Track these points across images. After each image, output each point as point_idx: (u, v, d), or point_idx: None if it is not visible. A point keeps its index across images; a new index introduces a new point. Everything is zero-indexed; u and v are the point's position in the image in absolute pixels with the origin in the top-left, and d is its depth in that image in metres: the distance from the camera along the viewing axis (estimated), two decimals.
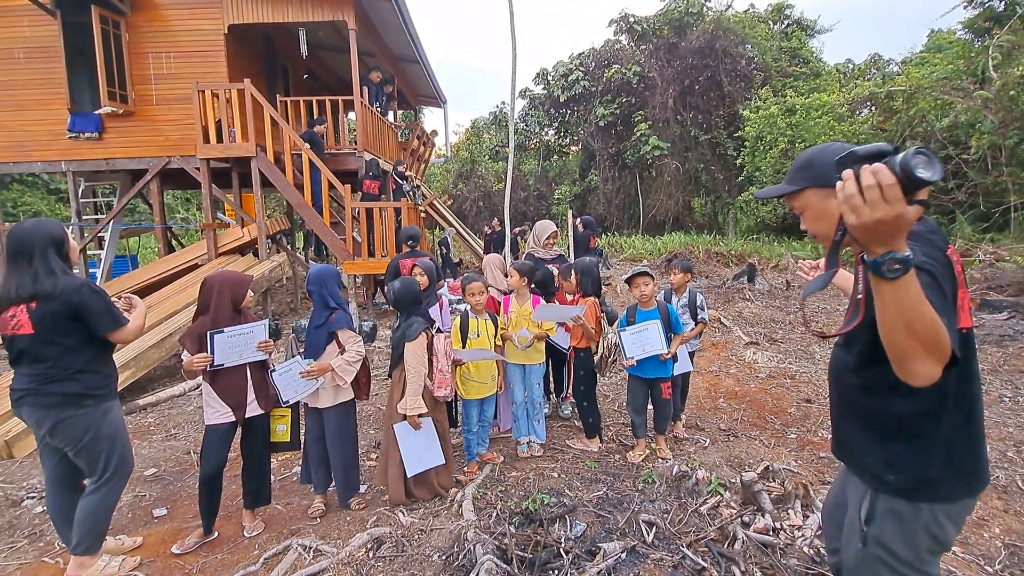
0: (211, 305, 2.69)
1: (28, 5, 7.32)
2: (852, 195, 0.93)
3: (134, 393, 5.16)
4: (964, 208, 10.43)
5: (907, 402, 1.23)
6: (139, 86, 7.82)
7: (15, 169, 8.32)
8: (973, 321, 1.34)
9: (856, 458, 1.39)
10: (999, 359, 5.23)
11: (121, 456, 2.45)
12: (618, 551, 2.41)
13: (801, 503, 2.76)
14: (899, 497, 1.28)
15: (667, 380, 3.51)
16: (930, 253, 1.17)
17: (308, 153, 7.12)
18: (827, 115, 13.13)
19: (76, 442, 2.34)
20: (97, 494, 2.40)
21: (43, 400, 2.29)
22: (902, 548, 1.28)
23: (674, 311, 3.57)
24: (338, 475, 3.03)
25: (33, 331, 2.24)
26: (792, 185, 1.36)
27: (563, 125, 21.34)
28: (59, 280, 2.27)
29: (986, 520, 2.73)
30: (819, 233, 1.39)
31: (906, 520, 1.27)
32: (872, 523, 1.31)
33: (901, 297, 0.97)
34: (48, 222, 2.40)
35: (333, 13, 7.68)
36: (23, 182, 18.46)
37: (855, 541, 1.34)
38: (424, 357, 2.93)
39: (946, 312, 1.06)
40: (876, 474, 1.31)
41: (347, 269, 7.32)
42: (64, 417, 2.30)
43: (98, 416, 2.37)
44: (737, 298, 8.61)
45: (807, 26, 19.73)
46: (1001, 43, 9.76)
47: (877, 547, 1.30)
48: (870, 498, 1.32)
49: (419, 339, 2.92)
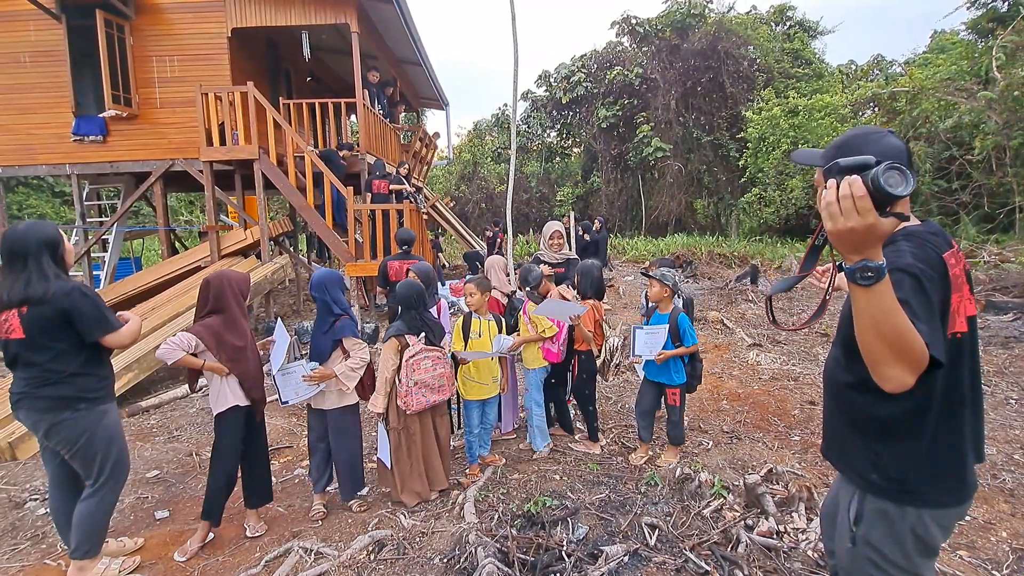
0: (224, 305, 2.70)
1: (33, 10, 7.37)
2: (831, 203, 1.00)
3: (136, 395, 5.16)
4: (968, 209, 10.39)
5: (892, 403, 1.23)
6: (143, 89, 7.86)
7: (20, 172, 8.36)
8: (976, 321, 1.33)
9: (844, 458, 1.40)
10: (1004, 361, 5.19)
11: (117, 459, 2.44)
12: (620, 554, 2.39)
13: (805, 506, 2.74)
14: (884, 498, 1.29)
15: (674, 388, 3.42)
16: (921, 256, 1.17)
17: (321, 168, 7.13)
18: (830, 116, 13.11)
19: (71, 445, 2.32)
20: (94, 498, 2.39)
21: (37, 403, 2.28)
22: (890, 549, 1.28)
23: (685, 322, 3.37)
24: (344, 472, 3.04)
25: (24, 335, 2.23)
26: (823, 161, 1.34)
27: (565, 127, 21.36)
28: (51, 284, 2.24)
29: (993, 524, 2.71)
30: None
31: (893, 521, 1.27)
32: (860, 523, 1.32)
33: (874, 304, 1.01)
34: (43, 224, 2.36)
35: (336, 16, 7.71)
36: (28, 185, 18.58)
37: (845, 541, 1.36)
38: (391, 361, 2.92)
39: (928, 319, 1.08)
40: (861, 474, 1.33)
41: (349, 271, 7.33)
42: (58, 420, 2.29)
43: (93, 419, 2.35)
44: (740, 299, 8.58)
45: (809, 27, 19.72)
46: (1005, 43, 9.72)
47: (866, 547, 1.31)
48: (858, 498, 1.33)
49: (389, 343, 2.95)
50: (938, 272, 1.17)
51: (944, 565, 2.36)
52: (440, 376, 3.01)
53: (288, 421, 4.47)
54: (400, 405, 2.95)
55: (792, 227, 15.64)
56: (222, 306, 2.70)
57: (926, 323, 1.06)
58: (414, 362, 2.92)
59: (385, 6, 7.94)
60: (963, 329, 1.25)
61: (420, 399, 2.94)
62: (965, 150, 10.34)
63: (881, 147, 1.25)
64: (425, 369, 2.95)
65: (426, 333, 3.02)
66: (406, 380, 2.91)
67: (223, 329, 2.68)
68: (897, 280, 1.09)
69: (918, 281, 1.12)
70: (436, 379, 2.99)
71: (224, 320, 2.69)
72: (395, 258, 5.02)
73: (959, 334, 1.24)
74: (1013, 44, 9.69)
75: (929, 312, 1.10)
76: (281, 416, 4.55)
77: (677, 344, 3.36)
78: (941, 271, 1.18)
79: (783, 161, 13.60)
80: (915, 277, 1.12)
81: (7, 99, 7.82)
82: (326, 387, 2.91)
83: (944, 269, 1.19)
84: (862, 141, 1.28)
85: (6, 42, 7.73)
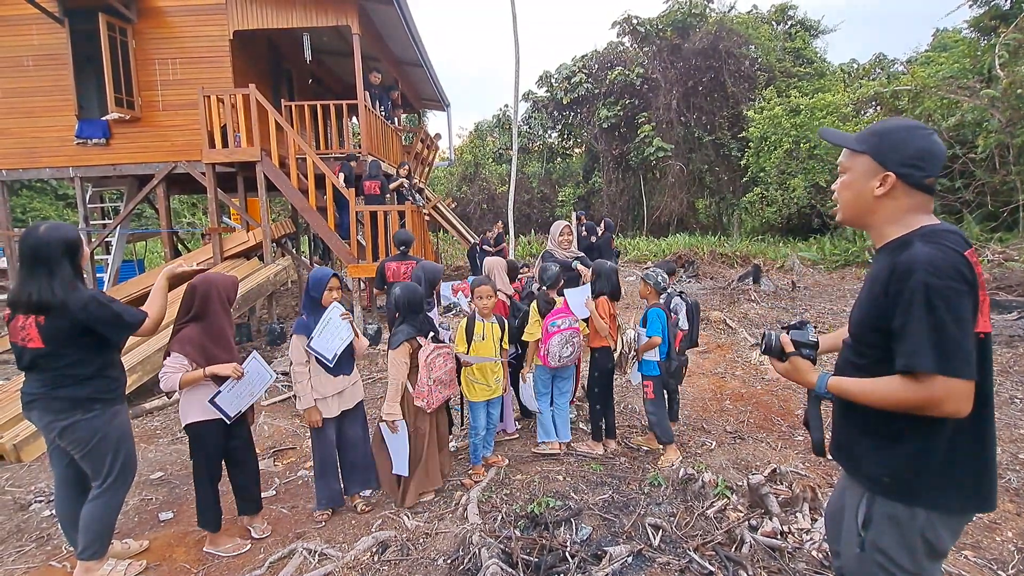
0: (209, 310, 2.61)
1: (37, 14, 7.41)
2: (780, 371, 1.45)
3: (140, 397, 5.18)
4: (972, 207, 10.34)
5: None
6: (145, 92, 7.89)
7: (24, 175, 8.40)
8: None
9: (854, 460, 1.37)
10: (1009, 360, 5.17)
11: (125, 460, 2.46)
12: (624, 555, 2.39)
13: (809, 506, 2.73)
14: (896, 500, 1.26)
15: (647, 379, 3.54)
16: (941, 263, 1.14)
17: (324, 169, 7.14)
18: (832, 115, 13.07)
19: (84, 445, 2.35)
20: (101, 499, 2.41)
21: (53, 404, 2.30)
22: (899, 553, 1.26)
23: (651, 314, 3.48)
24: (356, 472, 3.06)
25: (44, 345, 2.24)
26: (856, 145, 1.33)
27: (566, 127, 21.34)
28: (68, 296, 2.23)
29: (998, 524, 2.69)
30: (840, 201, 1.38)
31: (903, 525, 1.25)
32: (869, 528, 1.29)
33: (851, 398, 1.28)
34: (64, 227, 2.33)
35: (337, 18, 7.73)
36: (32, 188, 18.66)
37: (853, 546, 1.33)
38: (404, 366, 2.93)
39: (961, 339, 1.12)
40: (872, 476, 1.30)
41: (351, 272, 7.34)
42: (73, 421, 2.31)
43: (105, 420, 2.38)
44: (742, 299, 8.57)
45: (811, 26, 19.66)
46: (1008, 41, 9.69)
47: (875, 552, 1.28)
48: (867, 502, 1.30)
49: (400, 348, 2.93)
50: (962, 274, 1.14)
51: (949, 565, 2.35)
52: (451, 371, 3.14)
53: (291, 423, 4.47)
54: (421, 405, 2.97)
55: (794, 226, 15.61)
56: (206, 312, 2.60)
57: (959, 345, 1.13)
58: (431, 361, 2.96)
59: (386, 8, 7.96)
60: (987, 329, 1.22)
61: (438, 396, 3.04)
62: (968, 148, 10.29)
63: (920, 146, 1.24)
64: (440, 366, 3.02)
65: (433, 332, 3.07)
66: (426, 380, 2.94)
67: (206, 340, 2.57)
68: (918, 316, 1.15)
69: (945, 301, 1.12)
70: (448, 374, 3.11)
71: (205, 328, 2.58)
72: (393, 259, 5.00)
73: (982, 334, 1.20)
74: (1016, 41, 9.65)
75: (962, 330, 1.12)
76: (284, 418, 4.56)
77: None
78: (967, 271, 1.15)
79: (785, 160, 13.55)
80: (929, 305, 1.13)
81: (11, 103, 7.86)
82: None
83: (970, 266, 1.16)
84: (905, 136, 1.25)
85: (10, 46, 7.77)
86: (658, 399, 3.54)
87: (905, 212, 1.27)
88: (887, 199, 1.27)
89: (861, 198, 1.31)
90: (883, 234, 1.31)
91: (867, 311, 1.28)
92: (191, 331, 2.58)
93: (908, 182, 1.24)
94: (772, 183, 14.09)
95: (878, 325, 1.24)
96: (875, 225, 1.32)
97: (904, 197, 1.26)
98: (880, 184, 1.26)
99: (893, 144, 1.25)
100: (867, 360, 1.29)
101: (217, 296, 2.65)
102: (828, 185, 13.02)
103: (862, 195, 1.30)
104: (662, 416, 3.55)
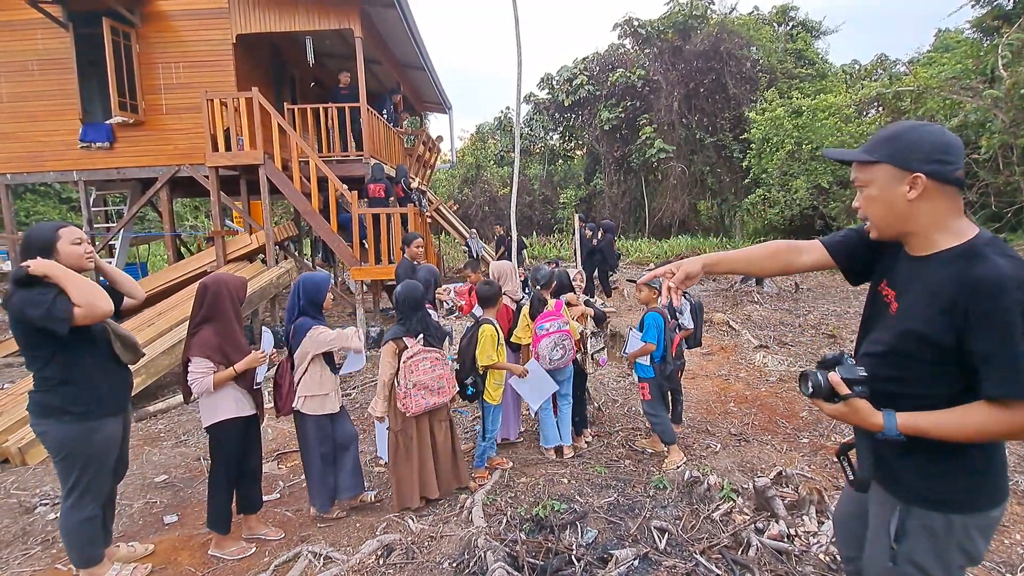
0: (220, 310, 2.63)
1: (41, 18, 7.44)
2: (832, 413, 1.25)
3: (144, 400, 5.19)
4: (975, 208, 10.30)
5: None
6: (149, 96, 7.92)
7: (29, 179, 8.44)
8: None
9: (893, 474, 1.30)
10: None
11: (91, 481, 2.33)
12: (630, 558, 2.38)
13: (816, 509, 2.72)
14: (932, 510, 1.22)
15: (642, 382, 3.57)
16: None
17: (326, 172, 7.16)
18: (834, 116, 13.05)
19: (53, 454, 2.31)
20: (64, 510, 2.35)
21: (32, 409, 2.29)
22: (934, 565, 1.23)
23: (648, 319, 3.52)
24: (345, 476, 3.05)
25: (17, 346, 2.28)
26: (867, 155, 1.22)
27: (568, 129, 21.36)
28: (13, 294, 2.14)
29: (1007, 527, 2.68)
30: (871, 216, 1.27)
31: (938, 536, 1.22)
32: (903, 540, 1.25)
33: (926, 435, 1.16)
34: (41, 226, 2.27)
35: (340, 21, 7.75)
36: (36, 191, 18.74)
37: (883, 560, 1.29)
38: (389, 365, 2.92)
39: None
40: (914, 488, 1.25)
41: (354, 275, 7.35)
42: (44, 429, 2.27)
43: (76, 435, 2.25)
44: (745, 301, 8.55)
45: (812, 27, 19.66)
46: (1011, 41, 9.66)
47: (908, 565, 1.25)
48: (900, 514, 1.26)
49: (386, 347, 2.94)
50: None
51: None
52: (439, 377, 2.97)
53: (294, 426, 4.47)
54: (399, 407, 2.94)
55: (797, 228, 15.56)
56: (217, 312, 2.61)
57: None
58: (412, 363, 2.89)
59: (389, 11, 7.98)
60: None
61: (419, 401, 2.91)
62: (971, 149, 10.25)
63: (936, 140, 1.18)
64: (424, 370, 2.91)
65: (425, 335, 2.99)
66: (404, 382, 2.88)
67: (222, 341, 2.60)
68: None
69: None
70: (435, 380, 2.95)
71: (218, 329, 2.60)
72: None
73: None
74: (1019, 42, 9.62)
75: None
76: (288, 421, 4.55)
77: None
78: None
79: (787, 162, 13.53)
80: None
81: (15, 107, 7.90)
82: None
83: None
84: (918, 134, 1.19)
85: (14, 51, 7.81)
86: (655, 400, 3.55)
87: (945, 214, 1.20)
88: (922, 202, 1.18)
89: (894, 208, 1.21)
90: (933, 242, 1.21)
91: (925, 325, 1.17)
92: (207, 333, 2.59)
93: (939, 179, 1.16)
94: (774, 184, 14.07)
95: (935, 340, 1.16)
96: (919, 232, 1.22)
97: (939, 197, 1.18)
98: (911, 188, 1.18)
99: (909, 144, 1.18)
100: (909, 373, 1.22)
101: (228, 295, 2.66)
102: (830, 186, 13.02)
103: (894, 204, 1.21)
104: (661, 417, 3.56)
